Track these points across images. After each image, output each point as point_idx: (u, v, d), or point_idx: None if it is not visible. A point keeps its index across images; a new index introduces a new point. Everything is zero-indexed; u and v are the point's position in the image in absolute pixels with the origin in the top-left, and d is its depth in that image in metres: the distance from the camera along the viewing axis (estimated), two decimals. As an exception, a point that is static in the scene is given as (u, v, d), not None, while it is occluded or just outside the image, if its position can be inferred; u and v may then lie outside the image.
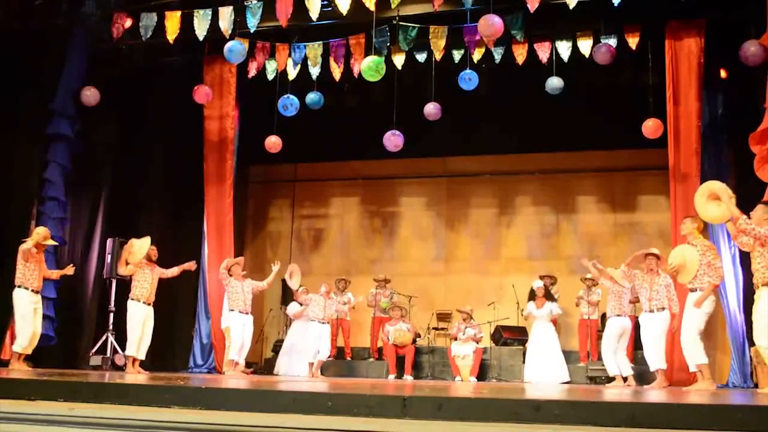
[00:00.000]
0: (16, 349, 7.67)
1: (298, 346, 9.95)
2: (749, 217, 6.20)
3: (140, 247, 8.58)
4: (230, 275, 9.06)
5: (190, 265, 9.05)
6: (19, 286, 7.74)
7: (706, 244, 7.18)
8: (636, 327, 8.91)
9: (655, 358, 7.67)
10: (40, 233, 7.88)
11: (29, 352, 7.75)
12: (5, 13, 8.84)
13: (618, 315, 8.25)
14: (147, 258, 8.69)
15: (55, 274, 8.29)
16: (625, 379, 8.29)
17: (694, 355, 7.04)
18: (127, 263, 8.59)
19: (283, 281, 10.67)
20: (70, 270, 8.43)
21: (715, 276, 6.96)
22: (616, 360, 8.30)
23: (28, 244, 7.75)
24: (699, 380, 7.10)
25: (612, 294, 8.32)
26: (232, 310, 9.03)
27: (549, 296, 9.89)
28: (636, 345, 9.49)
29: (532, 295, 9.94)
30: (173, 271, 8.94)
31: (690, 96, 8.93)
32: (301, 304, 9.62)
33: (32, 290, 7.79)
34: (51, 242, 8.04)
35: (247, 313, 9.10)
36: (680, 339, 7.24)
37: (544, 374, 9.38)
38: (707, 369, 7.05)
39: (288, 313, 10.66)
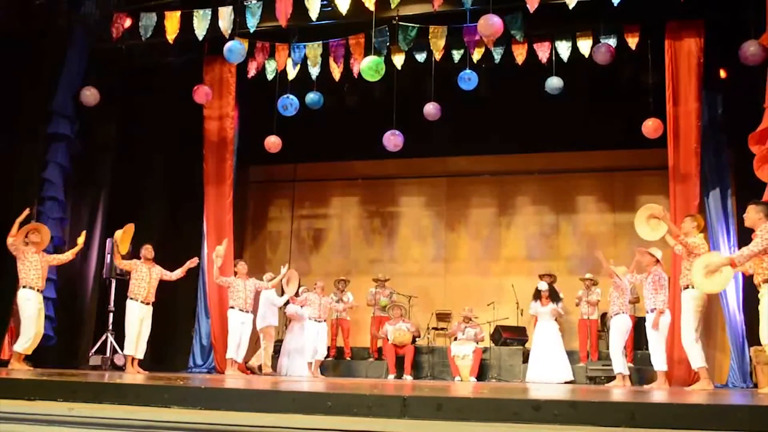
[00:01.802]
0: (17, 350, 7.64)
1: (297, 346, 9.94)
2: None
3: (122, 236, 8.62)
4: (235, 274, 9.14)
5: (192, 263, 8.99)
6: (24, 287, 7.73)
7: (697, 243, 7.15)
8: (636, 326, 8.93)
9: (654, 358, 7.67)
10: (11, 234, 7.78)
11: (29, 352, 7.75)
12: (5, 13, 8.83)
13: (622, 312, 8.25)
14: (143, 257, 8.71)
15: (70, 254, 8.30)
16: (623, 378, 8.29)
17: (692, 357, 7.07)
18: (121, 255, 8.63)
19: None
20: (81, 239, 8.41)
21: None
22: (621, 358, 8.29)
23: (9, 240, 7.74)
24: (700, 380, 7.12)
25: (615, 291, 8.31)
26: (232, 308, 9.06)
27: (554, 297, 9.80)
28: (636, 345, 9.52)
29: (537, 295, 9.83)
30: (177, 273, 8.90)
31: (690, 96, 8.93)
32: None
33: (37, 290, 7.78)
34: (15, 235, 7.82)
35: (247, 312, 9.13)
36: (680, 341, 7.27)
37: (546, 373, 9.32)
38: (705, 371, 7.05)
39: (286, 312, 10.67)
